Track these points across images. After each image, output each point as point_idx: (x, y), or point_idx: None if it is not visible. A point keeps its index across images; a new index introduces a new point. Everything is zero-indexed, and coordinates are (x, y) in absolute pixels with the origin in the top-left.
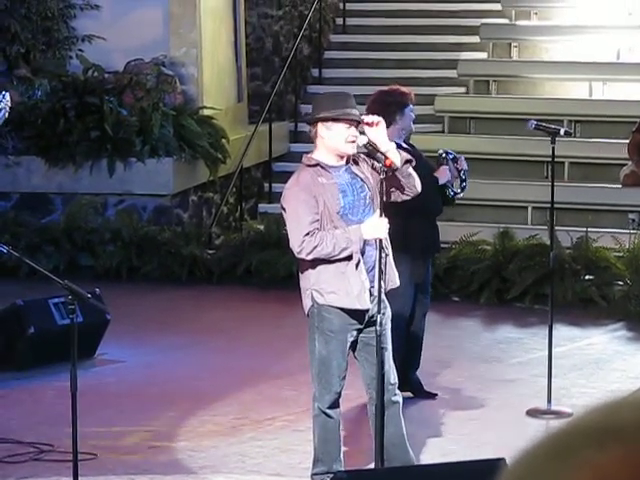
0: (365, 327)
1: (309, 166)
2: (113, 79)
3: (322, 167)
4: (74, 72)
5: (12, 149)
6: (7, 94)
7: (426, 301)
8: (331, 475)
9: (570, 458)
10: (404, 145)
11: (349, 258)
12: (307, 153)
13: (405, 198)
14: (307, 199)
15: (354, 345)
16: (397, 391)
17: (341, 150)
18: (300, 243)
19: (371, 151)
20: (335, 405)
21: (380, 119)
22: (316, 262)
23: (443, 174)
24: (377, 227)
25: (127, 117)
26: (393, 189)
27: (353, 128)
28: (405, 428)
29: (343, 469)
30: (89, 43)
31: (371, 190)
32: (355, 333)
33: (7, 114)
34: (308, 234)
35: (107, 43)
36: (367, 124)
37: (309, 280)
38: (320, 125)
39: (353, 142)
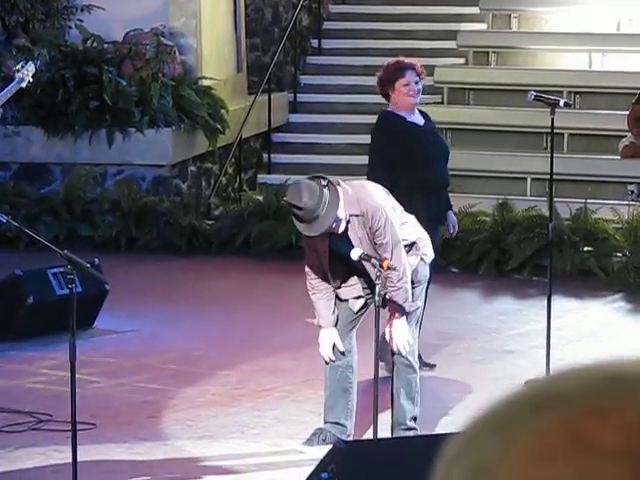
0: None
1: None
2: (112, 49)
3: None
4: (73, 42)
5: (11, 119)
6: (31, 64)
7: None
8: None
9: (509, 427)
10: (414, 118)
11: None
12: (307, 126)
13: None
14: (308, 248)
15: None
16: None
17: None
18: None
19: (366, 260)
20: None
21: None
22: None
23: None
24: (323, 345)
25: (126, 87)
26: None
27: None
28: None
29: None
30: (88, 13)
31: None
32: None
33: (26, 84)
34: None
35: (106, 13)
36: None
37: None
38: None
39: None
